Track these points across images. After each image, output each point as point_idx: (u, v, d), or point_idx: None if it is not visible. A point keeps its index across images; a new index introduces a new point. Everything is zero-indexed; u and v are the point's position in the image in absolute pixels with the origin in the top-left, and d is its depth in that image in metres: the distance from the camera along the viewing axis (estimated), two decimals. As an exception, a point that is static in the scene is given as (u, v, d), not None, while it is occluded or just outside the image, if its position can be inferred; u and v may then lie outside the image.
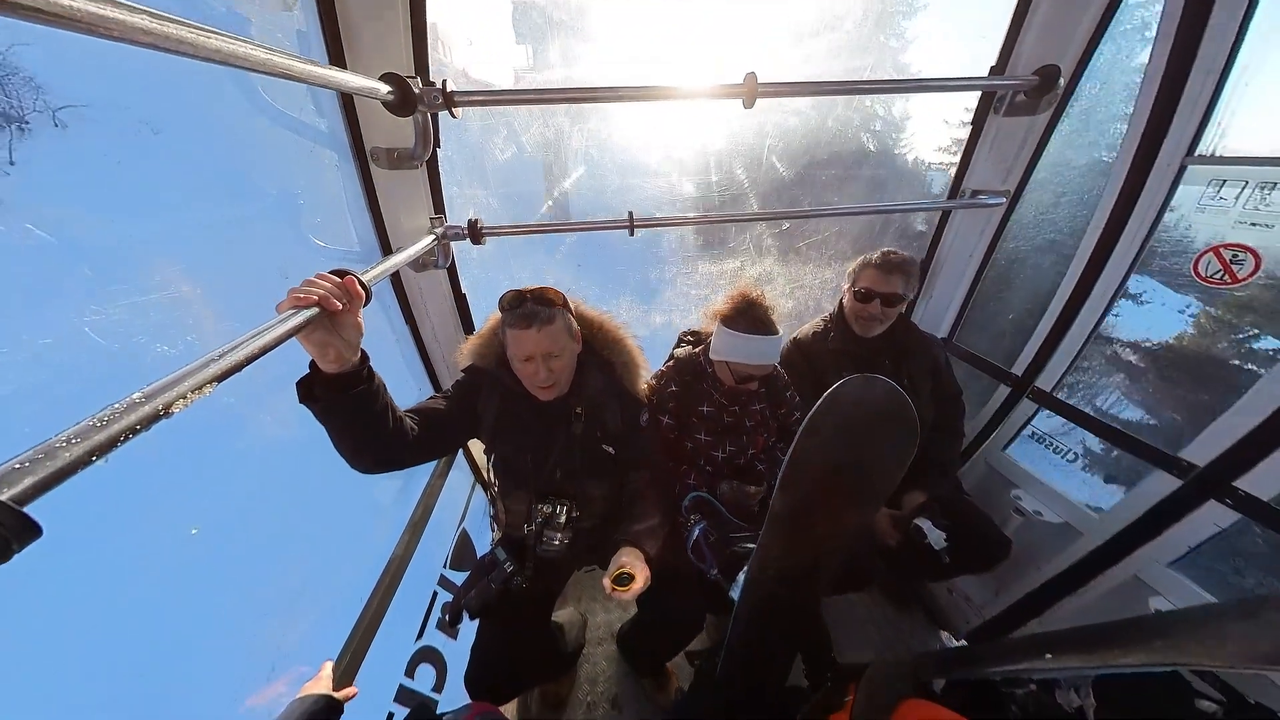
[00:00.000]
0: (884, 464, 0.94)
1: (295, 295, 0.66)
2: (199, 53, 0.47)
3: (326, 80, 0.73)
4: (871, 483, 0.97)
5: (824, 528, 0.99)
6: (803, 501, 0.95)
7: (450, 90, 1.00)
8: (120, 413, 0.39)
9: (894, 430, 0.91)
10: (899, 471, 0.94)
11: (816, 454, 0.91)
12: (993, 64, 1.34)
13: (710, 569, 1.14)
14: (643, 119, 5.57)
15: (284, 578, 6.47)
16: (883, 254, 1.40)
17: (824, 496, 0.95)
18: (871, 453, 0.93)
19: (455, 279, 1.52)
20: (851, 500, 0.98)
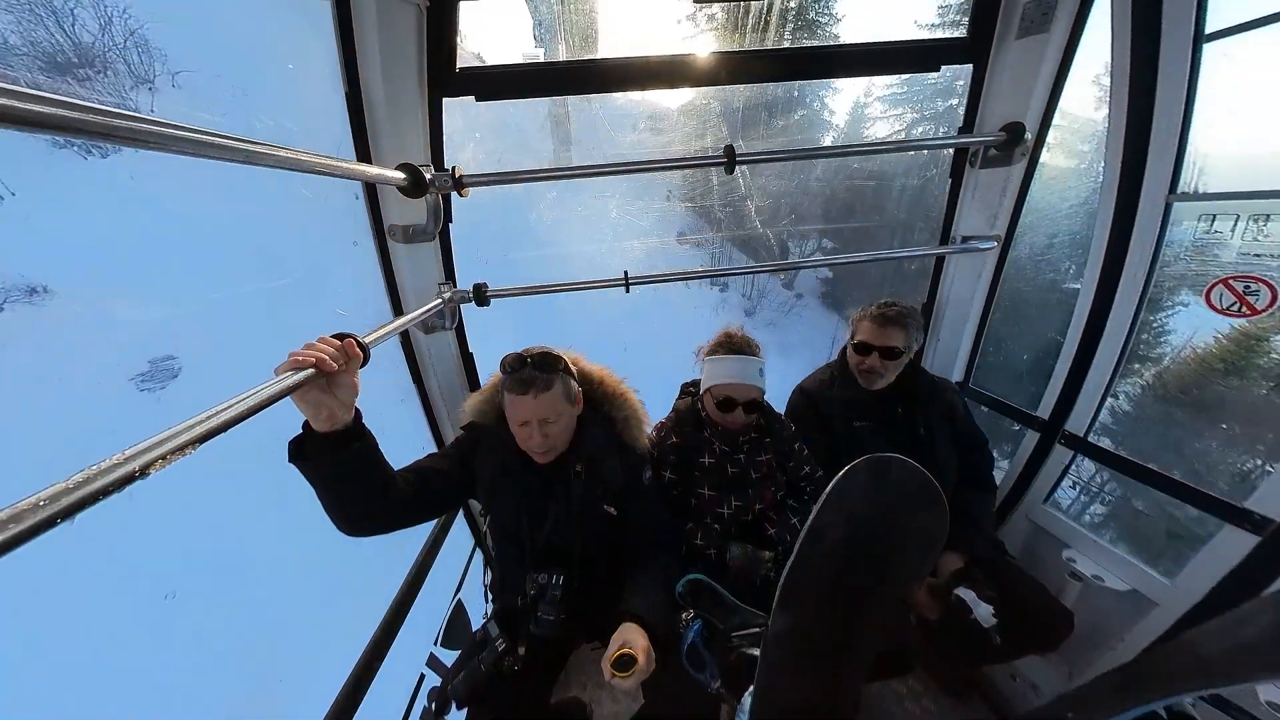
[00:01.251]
0: (908, 559, 0.80)
1: (295, 357, 0.70)
2: (238, 157, 0.56)
3: (349, 172, 0.83)
4: (894, 582, 0.82)
5: (842, 635, 0.82)
6: (811, 617, 0.80)
7: (459, 175, 1.13)
8: (96, 475, 0.40)
9: (918, 516, 0.77)
10: (929, 562, 0.81)
11: (824, 564, 0.77)
12: (960, 125, 1.44)
13: (711, 681, 0.96)
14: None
15: (254, 658, 5.93)
16: (879, 306, 1.40)
17: (835, 608, 0.80)
18: (890, 550, 0.79)
19: (463, 339, 1.59)
20: (872, 604, 0.82)
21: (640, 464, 1.24)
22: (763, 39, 10.05)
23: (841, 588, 0.79)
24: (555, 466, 1.16)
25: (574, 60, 1.32)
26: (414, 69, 1.09)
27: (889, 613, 0.87)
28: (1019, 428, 1.64)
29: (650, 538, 1.20)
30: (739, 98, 15.81)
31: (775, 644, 0.82)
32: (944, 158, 1.50)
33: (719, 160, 1.19)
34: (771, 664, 0.83)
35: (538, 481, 1.17)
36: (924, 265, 1.71)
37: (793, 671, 0.83)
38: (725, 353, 1.31)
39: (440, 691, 1.15)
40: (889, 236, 15.77)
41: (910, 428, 1.42)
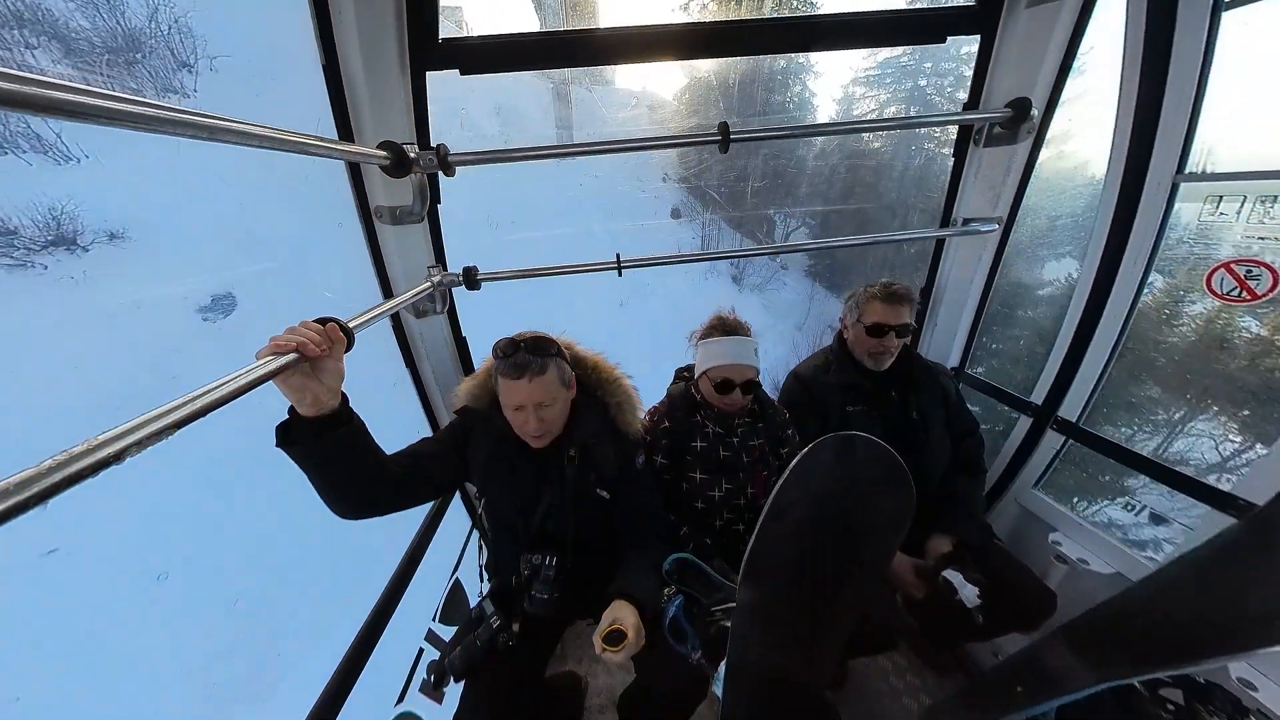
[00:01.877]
0: (875, 537, 0.81)
1: (276, 342, 0.69)
2: (219, 136, 0.55)
3: (331, 151, 0.81)
4: (863, 560, 0.83)
5: (814, 609, 0.85)
6: (776, 592, 0.82)
7: (445, 153, 1.10)
8: (69, 460, 0.40)
9: (884, 497, 0.77)
10: (897, 539, 0.82)
11: (783, 543, 0.77)
12: (965, 100, 1.39)
13: (692, 651, 1.00)
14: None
15: (254, 632, 6.13)
16: (883, 286, 1.39)
17: (803, 584, 0.81)
18: (857, 529, 0.79)
19: (455, 323, 1.58)
20: (842, 580, 0.83)
21: (633, 449, 1.25)
22: (760, 7, 9.55)
23: (808, 563, 0.80)
24: (549, 451, 1.16)
25: (564, 30, 1.27)
26: (394, 40, 1.04)
27: (862, 589, 0.89)
28: (1014, 414, 1.64)
29: (642, 522, 1.22)
30: (735, 72, 15.38)
31: (741, 617, 0.84)
32: (930, 149, 1.45)
33: (713, 138, 1.15)
34: (740, 635, 0.85)
35: (531, 466, 1.18)
36: (904, 248, 1.67)
37: (762, 643, 0.85)
38: (720, 335, 1.30)
39: (438, 665, 1.19)
40: (887, 220, 15.59)
41: (904, 412, 1.42)
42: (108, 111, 0.42)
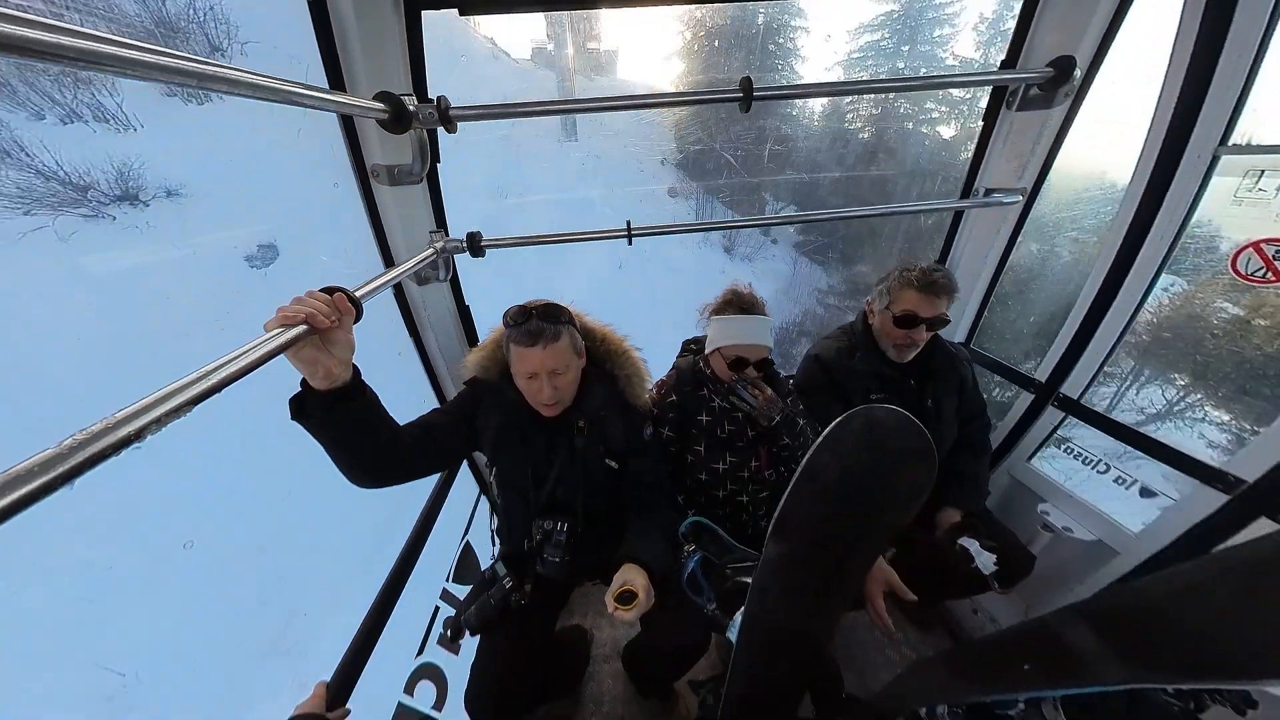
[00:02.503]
0: (895, 505, 0.84)
1: (284, 313, 0.67)
2: (207, 84, 0.51)
3: (322, 102, 0.74)
4: (881, 526, 0.87)
5: (829, 570, 0.89)
6: (801, 549, 0.86)
7: (446, 106, 1.01)
8: (90, 439, 0.39)
9: (908, 468, 0.81)
10: (915, 507, 0.85)
11: (814, 503, 0.82)
12: (1003, 58, 1.29)
13: (708, 603, 1.08)
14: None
15: (280, 592, 6.57)
16: (923, 272, 1.28)
17: (825, 543, 0.86)
18: (880, 496, 0.83)
19: (459, 291, 1.53)
20: (859, 543, 0.88)
21: (641, 421, 1.26)
22: None
23: (832, 525, 0.84)
24: (559, 422, 1.17)
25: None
26: (386, -26, 0.93)
27: (873, 553, 0.94)
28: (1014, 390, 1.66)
29: (649, 491, 1.25)
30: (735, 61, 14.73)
31: (767, 570, 0.89)
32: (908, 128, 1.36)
33: (734, 95, 1.07)
34: (762, 589, 0.91)
35: (542, 436, 1.19)
36: (894, 224, 1.61)
37: (781, 597, 0.91)
38: (735, 312, 1.27)
39: (454, 620, 1.25)
40: (879, 196, 15.49)
41: (920, 399, 1.41)
42: (90, 54, 0.38)
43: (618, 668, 1.67)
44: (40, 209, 7.45)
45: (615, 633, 1.79)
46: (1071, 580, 1.43)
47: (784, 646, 0.97)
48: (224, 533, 6.55)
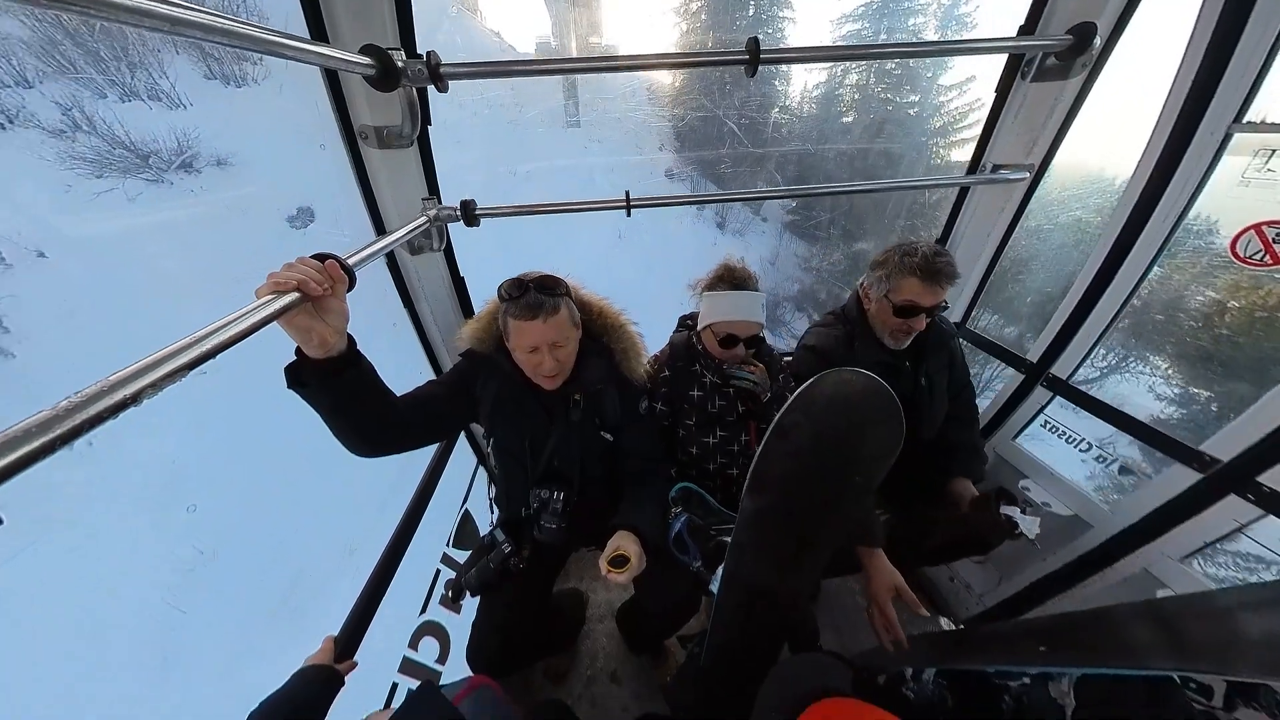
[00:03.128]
0: (866, 464, 0.86)
1: (274, 280, 0.66)
2: (180, 29, 0.48)
3: (304, 54, 0.70)
4: (853, 483, 0.88)
5: (802, 528, 0.93)
6: (774, 504, 0.89)
7: (436, 62, 0.96)
8: (85, 401, 0.39)
9: (876, 428, 0.82)
10: (884, 466, 0.87)
11: (785, 460, 0.84)
12: (1021, 24, 1.23)
13: (693, 560, 1.13)
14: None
15: (286, 555, 6.86)
16: (925, 258, 1.20)
17: (798, 499, 0.88)
18: (849, 454, 0.84)
19: (453, 261, 1.51)
20: (831, 502, 0.90)
21: (637, 395, 1.27)
22: None
23: (804, 483, 0.86)
24: (555, 394, 1.18)
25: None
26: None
27: (848, 512, 0.96)
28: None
29: (643, 463, 1.28)
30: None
31: (742, 526, 0.93)
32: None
33: (740, 57, 1.02)
34: (739, 545, 0.95)
35: (539, 408, 1.20)
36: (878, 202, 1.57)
37: (757, 552, 0.95)
38: (727, 287, 1.26)
39: (455, 582, 1.30)
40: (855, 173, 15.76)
41: (914, 382, 1.41)
42: None
43: (612, 627, 1.76)
44: (110, 173, 8.75)
45: (609, 595, 1.87)
46: (1045, 551, 1.50)
47: (761, 600, 1.02)
48: (225, 498, 6.76)
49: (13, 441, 0.34)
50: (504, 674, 1.21)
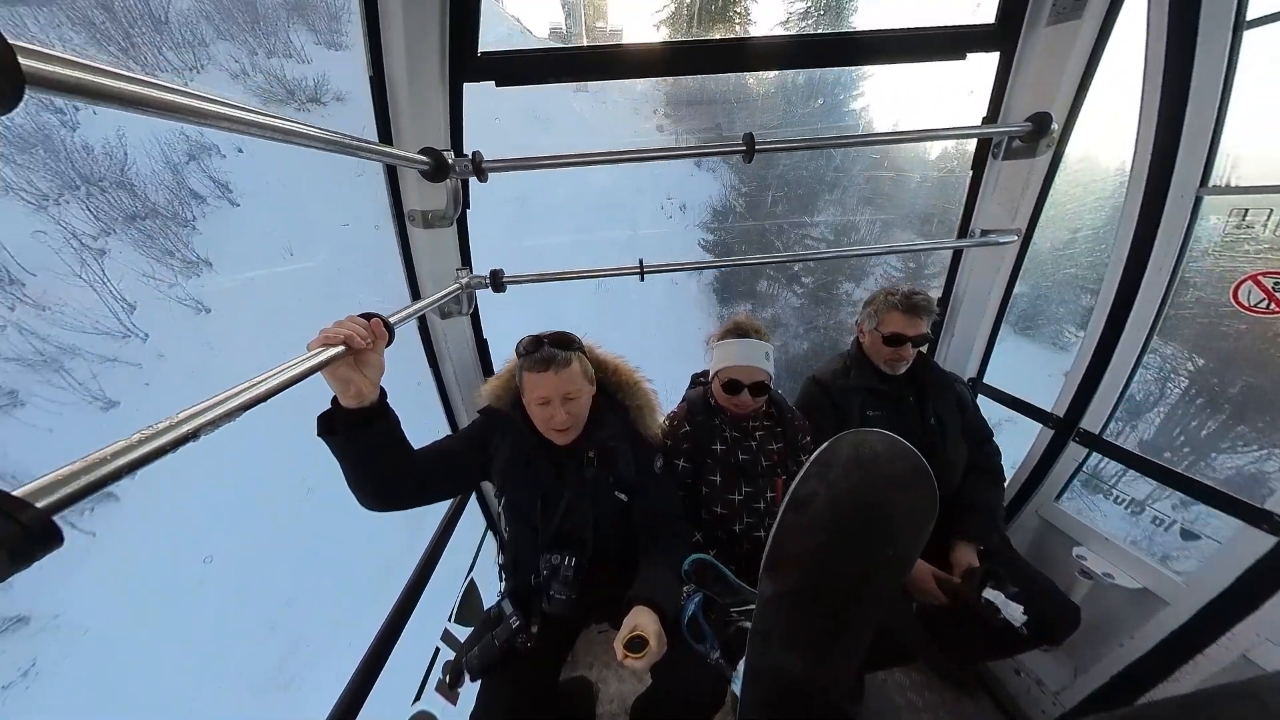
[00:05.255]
0: (897, 533, 0.77)
1: (325, 334, 0.73)
2: (278, 136, 0.58)
3: (375, 154, 0.85)
4: (884, 558, 0.78)
5: (835, 611, 0.79)
6: (797, 587, 0.79)
7: (480, 160, 1.14)
8: (154, 435, 0.43)
9: (904, 492, 0.75)
10: (920, 537, 0.78)
11: (805, 535, 0.77)
12: (984, 115, 1.41)
13: (711, 650, 1.00)
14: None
15: (278, 624, 6.39)
16: (905, 296, 1.40)
17: (824, 579, 0.78)
18: (877, 524, 0.76)
19: (478, 325, 1.61)
20: (864, 580, 0.79)
21: (652, 453, 1.26)
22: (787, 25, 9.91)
23: (828, 559, 0.78)
24: (568, 452, 1.18)
25: (593, 46, 1.32)
26: (436, 53, 1.09)
27: (884, 592, 0.86)
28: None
29: (661, 525, 1.22)
30: (760, 88, 16.21)
31: (763, 611, 0.82)
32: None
33: (738, 148, 1.18)
34: (763, 633, 0.84)
35: (551, 466, 1.19)
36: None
37: (783, 640, 0.83)
38: (734, 338, 1.33)
39: (454, 664, 1.19)
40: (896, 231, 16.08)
41: (922, 417, 1.43)
42: (163, 103, 0.42)
43: (625, 728, 1.53)
44: (272, 102, 11.17)
45: (623, 687, 1.66)
46: (1121, 634, 1.31)
47: (793, 699, 0.88)
48: (239, 553, 6.51)
49: (97, 464, 0.37)
50: (502, 782, 1.05)
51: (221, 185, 9.59)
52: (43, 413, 6.57)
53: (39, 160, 7.85)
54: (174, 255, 8.46)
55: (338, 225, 10.09)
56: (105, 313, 7.38)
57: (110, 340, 7.36)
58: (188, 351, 7.70)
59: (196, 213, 9.10)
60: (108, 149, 8.52)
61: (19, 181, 7.54)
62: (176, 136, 9.45)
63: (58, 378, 6.80)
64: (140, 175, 8.74)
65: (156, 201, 8.67)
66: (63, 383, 6.80)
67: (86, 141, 8.54)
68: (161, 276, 8.18)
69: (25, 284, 7.08)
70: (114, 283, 7.59)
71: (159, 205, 8.65)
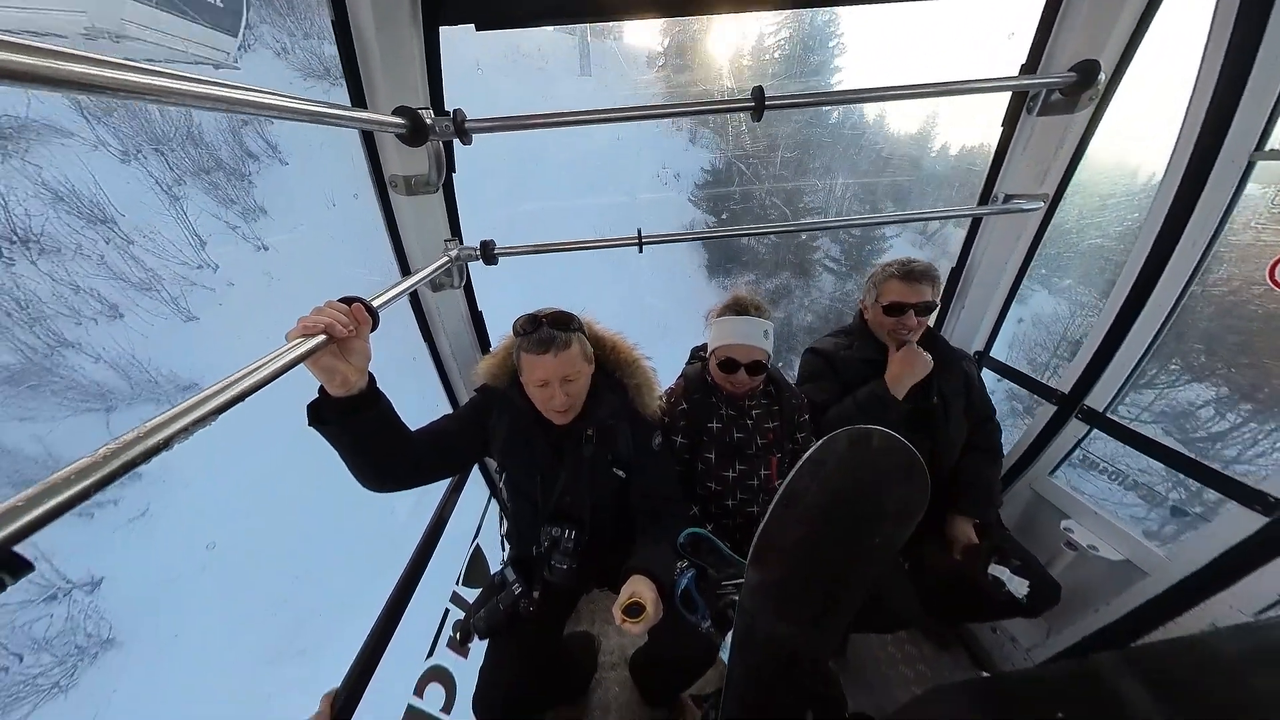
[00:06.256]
0: (885, 526, 0.79)
1: (304, 323, 0.69)
2: (238, 108, 0.53)
3: (345, 120, 0.77)
4: (872, 548, 0.81)
5: (818, 595, 0.84)
6: (783, 576, 0.82)
7: (461, 119, 1.04)
8: (121, 448, 0.41)
9: (895, 486, 0.76)
10: (907, 527, 0.80)
11: (793, 529, 0.78)
12: (1023, 62, 1.26)
13: (702, 620, 1.05)
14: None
15: (295, 593, 6.93)
16: (902, 264, 1.36)
17: (811, 569, 0.81)
18: (867, 518, 0.78)
19: (472, 297, 1.56)
20: (849, 569, 0.83)
21: (651, 430, 1.26)
22: None
23: (816, 550, 0.80)
24: (567, 430, 1.17)
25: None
26: (405, -9, 0.96)
27: (870, 575, 0.89)
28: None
29: (658, 500, 1.25)
30: (770, 37, 14.89)
31: (749, 594, 0.86)
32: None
33: (746, 104, 1.07)
34: (749, 612, 0.88)
35: (550, 444, 1.20)
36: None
37: (769, 620, 0.87)
38: (733, 314, 1.28)
39: (464, 624, 1.26)
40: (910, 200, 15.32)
41: (926, 394, 1.40)
42: (125, 84, 0.40)
43: (624, 675, 1.66)
44: (311, 77, 11.87)
45: (623, 640, 1.78)
46: (1097, 602, 1.37)
47: (778, 670, 0.93)
48: (244, 536, 6.93)
49: (56, 487, 0.35)
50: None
51: (272, 146, 10.78)
52: (140, 321, 8.14)
53: (121, 120, 9.04)
54: (235, 203, 9.82)
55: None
56: (185, 245, 8.93)
57: (188, 268, 8.91)
58: (252, 280, 9.26)
59: (252, 169, 10.35)
60: (182, 112, 9.41)
61: (107, 138, 8.81)
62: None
63: (148, 297, 8.35)
64: (207, 134, 9.86)
65: (220, 157, 9.94)
66: (152, 301, 8.36)
67: (162, 107, 9.56)
68: (227, 219, 9.59)
69: (117, 221, 8.39)
70: (191, 220, 9.05)
71: (223, 160, 9.95)
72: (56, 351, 7.26)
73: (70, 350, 7.39)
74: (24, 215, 7.42)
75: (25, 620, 5.95)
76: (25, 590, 5.90)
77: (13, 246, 7.29)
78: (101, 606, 6.30)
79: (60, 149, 8.17)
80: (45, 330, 7.24)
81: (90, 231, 8.07)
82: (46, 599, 6.12)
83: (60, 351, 7.30)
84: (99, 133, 8.67)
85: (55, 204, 7.85)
